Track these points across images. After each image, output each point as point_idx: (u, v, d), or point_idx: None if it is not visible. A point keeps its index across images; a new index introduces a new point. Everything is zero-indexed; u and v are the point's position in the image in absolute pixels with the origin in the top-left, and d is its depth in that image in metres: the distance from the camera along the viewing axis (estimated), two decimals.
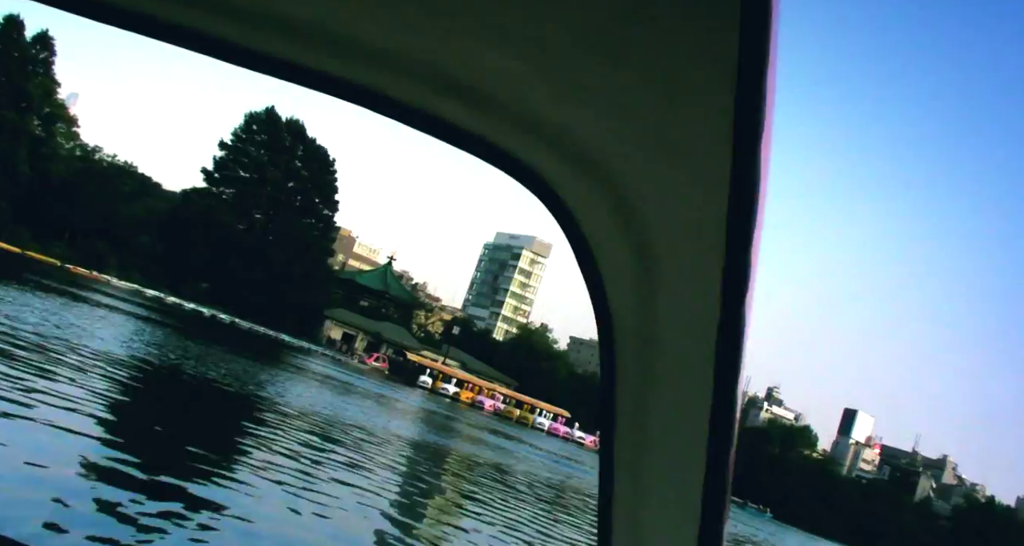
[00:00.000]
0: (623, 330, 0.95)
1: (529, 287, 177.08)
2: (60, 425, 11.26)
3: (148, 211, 75.46)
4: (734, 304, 0.75)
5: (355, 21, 0.83)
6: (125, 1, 0.92)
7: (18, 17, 66.76)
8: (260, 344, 56.37)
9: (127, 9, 0.92)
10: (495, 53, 0.79)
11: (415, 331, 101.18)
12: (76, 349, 19.44)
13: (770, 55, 0.61)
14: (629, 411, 0.99)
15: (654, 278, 0.87)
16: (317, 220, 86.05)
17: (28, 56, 67.35)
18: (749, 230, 0.70)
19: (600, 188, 0.86)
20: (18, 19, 66.69)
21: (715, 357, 0.80)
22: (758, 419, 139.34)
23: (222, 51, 0.93)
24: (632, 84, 0.72)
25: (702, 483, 0.89)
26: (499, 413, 78.56)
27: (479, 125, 0.91)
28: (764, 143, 0.65)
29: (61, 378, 14.72)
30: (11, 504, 7.80)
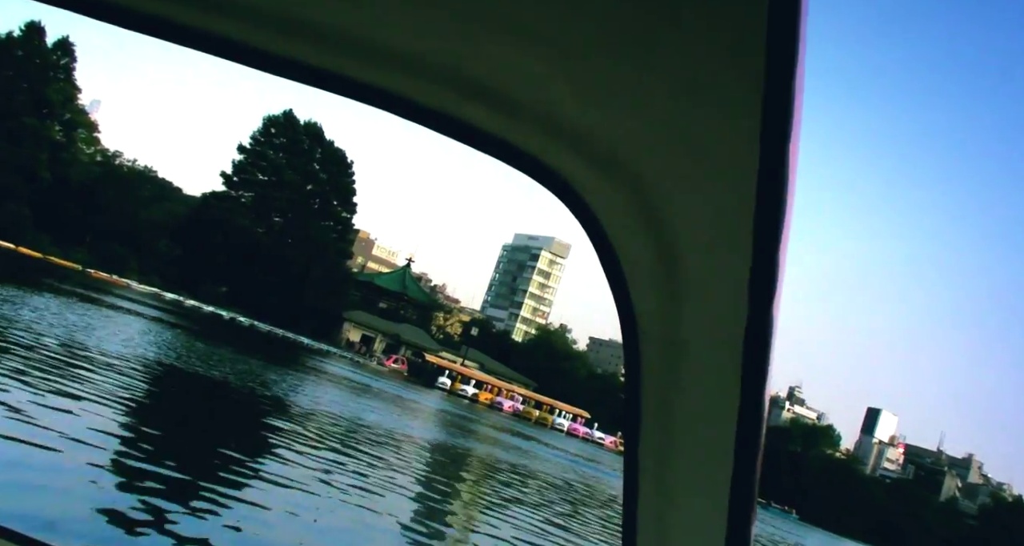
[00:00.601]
0: (648, 332, 0.95)
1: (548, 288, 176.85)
2: (81, 427, 11.28)
3: (168, 215, 76.01)
4: (762, 305, 0.75)
5: (375, 24, 0.83)
6: (166, 9, 0.92)
7: (39, 23, 67.54)
8: (279, 347, 56.56)
9: (174, 20, 0.92)
10: (517, 54, 0.78)
11: (434, 333, 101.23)
12: (92, 352, 19.46)
13: (799, 53, 0.61)
14: (654, 412, 0.98)
15: (679, 279, 0.86)
16: (335, 223, 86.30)
17: (49, 62, 67.93)
18: (777, 230, 0.70)
19: (624, 189, 0.85)
20: (39, 25, 67.47)
21: (742, 359, 0.79)
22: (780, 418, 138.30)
23: (244, 55, 0.93)
24: (656, 84, 0.72)
25: (729, 485, 0.88)
26: (518, 414, 78.41)
27: (501, 127, 0.90)
28: (792, 142, 0.65)
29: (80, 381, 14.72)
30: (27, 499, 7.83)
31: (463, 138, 0.94)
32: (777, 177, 0.67)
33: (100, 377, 16.20)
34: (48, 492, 8.45)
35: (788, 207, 0.68)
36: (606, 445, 79.45)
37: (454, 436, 32.67)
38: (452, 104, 0.90)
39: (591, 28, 0.70)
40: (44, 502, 8.04)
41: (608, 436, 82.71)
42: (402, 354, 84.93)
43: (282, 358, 43.90)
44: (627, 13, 0.67)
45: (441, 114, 0.92)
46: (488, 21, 0.76)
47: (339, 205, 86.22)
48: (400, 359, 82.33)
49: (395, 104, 0.93)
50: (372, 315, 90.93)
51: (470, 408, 64.30)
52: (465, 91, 0.87)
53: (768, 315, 0.75)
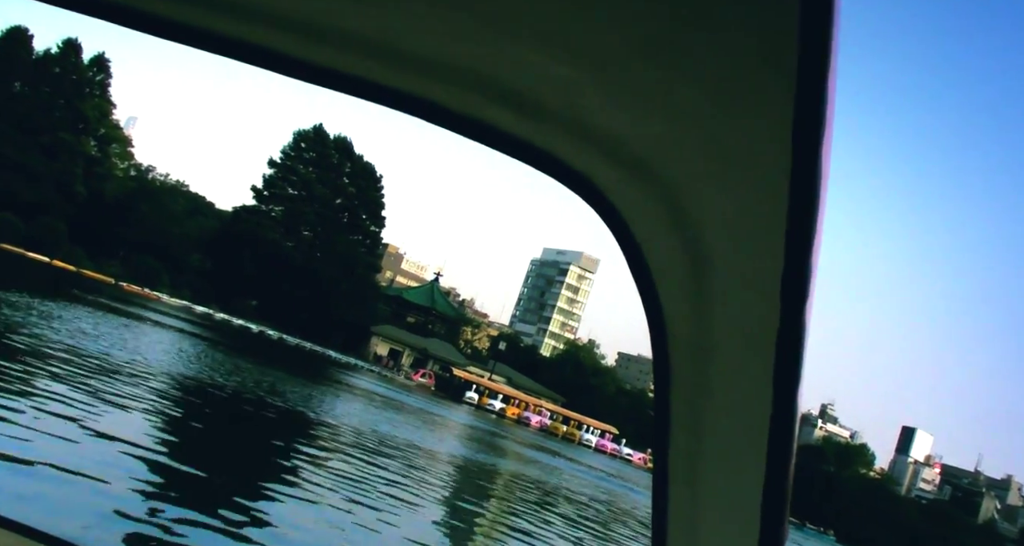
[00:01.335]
0: (677, 338, 0.94)
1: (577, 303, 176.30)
2: (111, 437, 11.29)
3: (200, 230, 76.76)
4: (794, 312, 0.74)
5: (405, 30, 0.83)
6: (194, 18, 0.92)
7: (76, 41, 68.82)
8: (307, 360, 56.70)
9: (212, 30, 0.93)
10: (546, 60, 0.78)
11: (462, 347, 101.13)
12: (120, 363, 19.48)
13: (831, 54, 0.60)
14: (684, 421, 0.97)
15: (709, 285, 0.85)
16: (364, 237, 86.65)
17: (85, 78, 69.15)
18: (810, 236, 0.69)
19: (653, 194, 0.85)
20: (76, 42, 68.71)
21: (774, 366, 0.78)
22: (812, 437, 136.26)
23: (274, 62, 0.93)
24: (687, 88, 0.71)
25: (760, 497, 0.87)
26: (545, 429, 77.91)
27: (530, 132, 0.90)
28: (825, 144, 0.64)
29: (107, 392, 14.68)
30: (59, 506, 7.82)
31: (493, 143, 0.94)
32: (810, 180, 0.66)
33: (128, 388, 16.16)
34: (77, 501, 8.47)
35: (821, 211, 0.68)
36: (634, 462, 78.63)
37: (481, 452, 32.37)
38: (482, 109, 0.90)
39: (620, 33, 0.70)
40: (73, 509, 8.07)
41: (636, 452, 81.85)
42: (430, 368, 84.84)
43: (310, 372, 43.93)
44: (655, 17, 0.67)
45: (471, 120, 0.92)
46: (516, 26, 0.76)
47: (368, 219, 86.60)
48: (428, 373, 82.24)
49: (425, 109, 0.93)
50: (400, 329, 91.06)
51: (497, 423, 63.95)
52: (493, 95, 0.87)
53: (801, 320, 0.74)
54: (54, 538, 1.89)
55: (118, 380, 17.07)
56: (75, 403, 13.04)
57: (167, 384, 19.33)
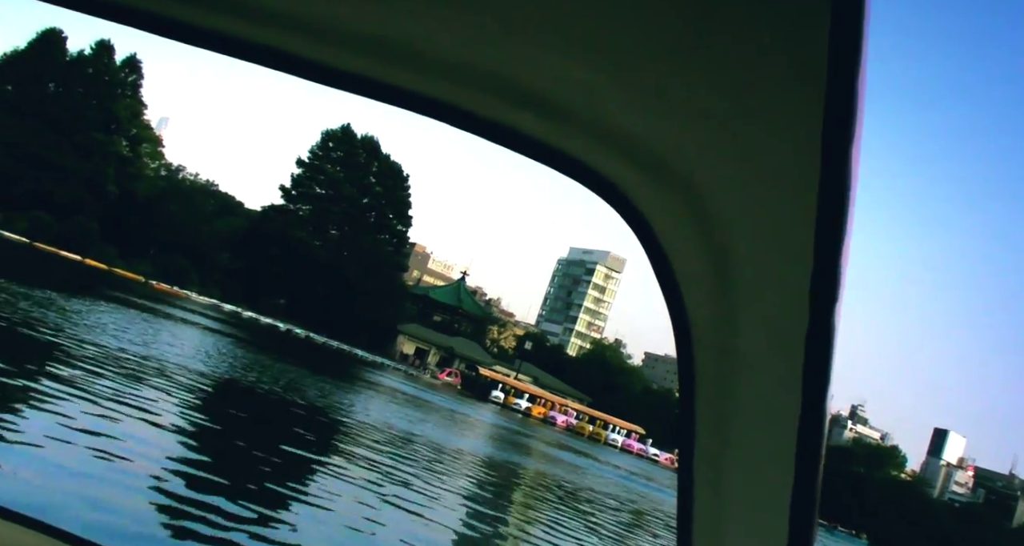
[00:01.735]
0: (702, 340, 0.94)
1: (603, 302, 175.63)
2: (137, 434, 11.38)
3: (229, 229, 77.48)
4: (823, 314, 0.73)
5: (427, 35, 0.83)
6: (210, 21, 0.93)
7: (108, 42, 69.78)
8: (334, 358, 56.99)
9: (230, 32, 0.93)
10: (568, 63, 0.78)
11: (488, 346, 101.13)
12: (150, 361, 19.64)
13: (862, 57, 0.60)
14: (709, 422, 0.97)
15: (734, 287, 0.85)
16: (391, 236, 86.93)
17: (117, 79, 70.07)
18: (839, 237, 0.68)
19: (677, 196, 0.85)
20: (108, 44, 69.68)
21: (803, 369, 0.77)
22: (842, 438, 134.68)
23: (300, 69, 0.94)
24: (711, 90, 0.71)
25: (789, 499, 0.86)
26: (571, 429, 77.69)
27: (552, 135, 0.90)
28: (854, 147, 0.63)
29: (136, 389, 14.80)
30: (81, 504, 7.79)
31: (517, 147, 0.94)
32: (839, 182, 0.65)
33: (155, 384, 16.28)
34: (102, 499, 8.50)
35: (850, 214, 0.67)
36: (661, 462, 78.15)
37: (507, 451, 32.30)
38: (506, 113, 0.90)
39: (644, 36, 0.70)
40: (99, 507, 8.11)
41: (663, 453, 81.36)
42: (456, 367, 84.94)
43: (336, 370, 44.14)
44: (680, 20, 0.67)
45: (495, 123, 0.92)
46: (538, 29, 0.76)
47: (395, 218, 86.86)
48: (454, 372, 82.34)
49: (447, 113, 0.93)
50: (426, 328, 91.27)
51: (523, 422, 63.87)
52: (515, 99, 0.87)
53: (830, 321, 0.73)
54: (80, 539, 1.87)
55: (147, 376, 17.20)
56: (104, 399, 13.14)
57: (194, 382, 19.45)
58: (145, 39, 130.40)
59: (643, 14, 0.68)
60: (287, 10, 0.87)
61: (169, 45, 8.62)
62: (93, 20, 0.94)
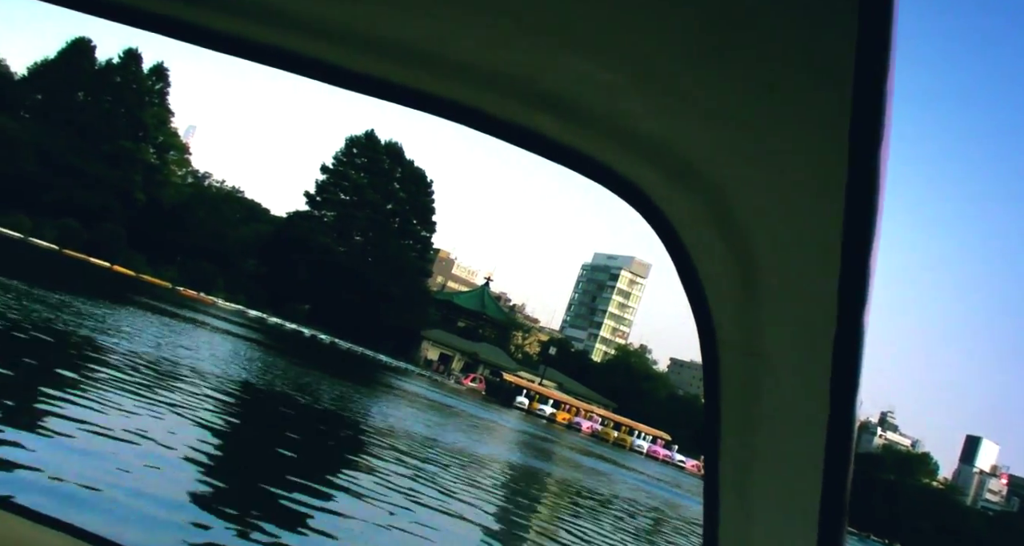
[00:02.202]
0: (727, 343, 0.93)
1: (628, 308, 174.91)
2: (162, 437, 11.44)
3: (255, 235, 78.03)
4: (851, 317, 0.73)
5: (449, 38, 0.83)
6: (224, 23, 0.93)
7: (136, 50, 70.59)
8: (358, 364, 57.04)
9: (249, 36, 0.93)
10: (591, 65, 0.78)
11: (512, 352, 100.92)
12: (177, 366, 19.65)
13: (890, 60, 0.59)
14: (736, 428, 0.96)
15: (760, 290, 0.84)
16: (415, 241, 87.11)
17: (145, 87, 70.84)
18: (868, 241, 0.68)
19: (702, 199, 0.84)
20: (136, 52, 70.48)
21: (831, 372, 0.77)
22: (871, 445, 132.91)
23: (322, 73, 0.94)
24: (736, 92, 0.71)
25: (818, 506, 0.84)
26: (596, 435, 77.23)
27: (576, 139, 0.90)
28: (883, 148, 0.63)
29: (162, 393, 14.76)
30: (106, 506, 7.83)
31: (540, 150, 0.93)
32: (868, 184, 0.65)
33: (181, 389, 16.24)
34: (129, 501, 8.49)
35: (878, 215, 0.66)
36: (687, 468, 77.38)
37: (531, 457, 32.04)
38: (528, 116, 0.90)
39: (666, 37, 0.70)
40: (124, 510, 8.11)
41: (689, 459, 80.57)
42: (480, 373, 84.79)
43: (361, 376, 44.12)
44: (703, 21, 0.67)
45: (518, 127, 0.92)
46: (560, 32, 0.75)
47: (419, 224, 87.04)
48: (478, 378, 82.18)
49: (470, 117, 0.93)
50: (450, 334, 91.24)
51: (548, 428, 63.52)
52: (538, 102, 0.86)
53: (859, 325, 0.73)
54: (105, 540, 1.87)
55: (174, 381, 17.16)
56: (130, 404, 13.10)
57: (220, 387, 19.40)
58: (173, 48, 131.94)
59: (665, 16, 0.68)
60: (310, 14, 0.88)
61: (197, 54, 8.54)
62: (123, 28, 0.96)
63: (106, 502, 8.20)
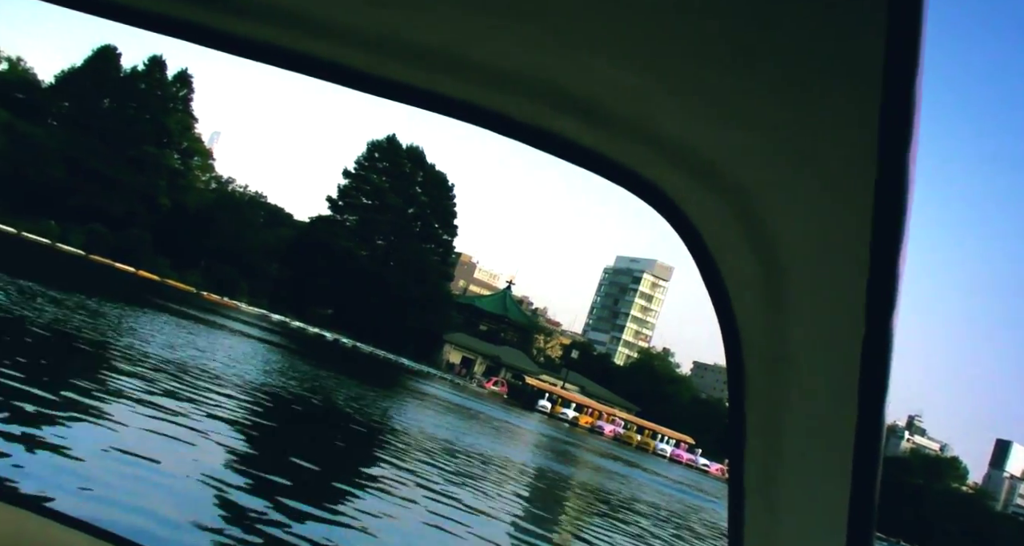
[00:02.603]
0: (752, 347, 0.92)
1: (650, 311, 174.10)
2: (187, 441, 11.45)
3: (278, 239, 78.52)
4: (880, 321, 0.72)
5: (473, 42, 0.84)
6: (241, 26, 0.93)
7: (160, 57, 71.34)
8: (381, 368, 57.17)
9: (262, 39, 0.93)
10: (615, 68, 0.78)
11: (534, 355, 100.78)
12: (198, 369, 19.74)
13: (919, 62, 0.59)
14: (761, 432, 0.95)
15: (786, 293, 0.83)
16: (436, 245, 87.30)
17: (169, 94, 71.54)
18: (897, 243, 0.67)
19: (727, 202, 0.84)
20: (161, 59, 71.19)
21: (859, 376, 0.76)
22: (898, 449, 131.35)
23: (346, 78, 0.95)
24: (761, 93, 0.70)
25: (846, 511, 0.84)
26: (619, 438, 76.91)
27: (600, 141, 0.90)
28: (912, 151, 0.62)
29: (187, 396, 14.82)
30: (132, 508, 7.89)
31: (562, 153, 0.93)
32: (897, 187, 0.64)
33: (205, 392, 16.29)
34: (155, 503, 8.54)
35: (908, 218, 0.66)
36: (711, 472, 76.81)
37: (554, 461, 31.91)
38: (550, 119, 0.90)
39: (689, 38, 0.70)
40: (146, 513, 8.11)
41: (713, 463, 79.97)
42: (502, 376, 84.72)
43: (384, 379, 44.20)
44: (726, 21, 0.66)
45: (539, 129, 0.92)
46: (584, 35, 0.75)
47: (440, 228, 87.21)
48: (500, 381, 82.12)
49: (494, 121, 0.93)
50: (473, 337, 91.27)
51: (570, 432, 63.32)
52: (562, 105, 0.86)
53: (887, 328, 0.72)
54: (129, 541, 1.88)
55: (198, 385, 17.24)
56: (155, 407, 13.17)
57: (243, 391, 19.47)
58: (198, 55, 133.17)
59: (689, 18, 0.68)
60: (334, 19, 0.88)
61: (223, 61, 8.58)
62: (149, 35, 0.97)
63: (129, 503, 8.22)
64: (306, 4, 0.87)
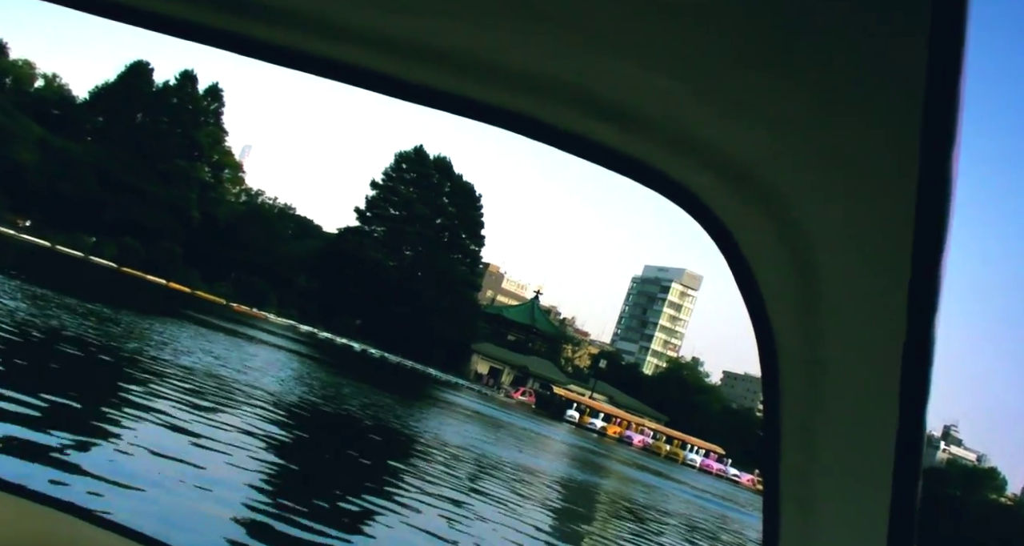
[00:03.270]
0: (787, 352, 0.91)
1: (679, 320, 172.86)
2: (217, 451, 11.56)
3: (307, 251, 79.10)
4: (921, 325, 0.70)
5: (502, 47, 0.83)
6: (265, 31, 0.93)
7: (192, 72, 72.40)
8: (408, 378, 57.28)
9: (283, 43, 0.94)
10: (647, 71, 0.77)
11: (562, 365, 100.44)
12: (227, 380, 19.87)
13: (963, 55, 0.58)
14: (796, 439, 0.93)
15: (823, 297, 0.82)
16: (464, 255, 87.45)
17: (200, 108, 72.57)
18: (939, 245, 0.66)
19: (761, 206, 0.83)
20: (192, 74, 72.29)
21: (900, 382, 0.74)
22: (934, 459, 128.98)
23: (375, 84, 0.95)
24: (797, 96, 0.70)
25: (886, 523, 0.81)
26: (648, 448, 76.33)
27: (632, 145, 0.89)
28: (955, 152, 0.61)
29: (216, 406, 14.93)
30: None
31: (593, 157, 0.93)
32: (940, 188, 0.63)
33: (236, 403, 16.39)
34: (187, 509, 8.71)
35: (950, 221, 0.64)
36: (742, 483, 75.90)
37: (582, 471, 31.72)
38: (581, 123, 0.90)
39: (725, 42, 0.69)
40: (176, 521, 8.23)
41: (744, 473, 79.02)
42: (530, 386, 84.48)
43: (412, 390, 44.26)
44: (763, 25, 0.65)
45: (570, 133, 0.91)
46: (615, 38, 0.75)
47: (468, 238, 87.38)
48: (528, 391, 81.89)
49: (524, 125, 0.92)
50: (500, 347, 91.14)
51: (599, 442, 62.95)
52: (593, 109, 0.86)
53: (929, 333, 0.71)
54: (160, 542, 1.90)
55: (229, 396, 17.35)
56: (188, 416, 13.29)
57: (273, 401, 19.55)
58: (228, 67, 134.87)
59: (723, 21, 0.67)
60: (367, 27, 0.88)
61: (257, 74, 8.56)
62: (179, 49, 0.96)
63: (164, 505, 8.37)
64: (342, 12, 0.87)
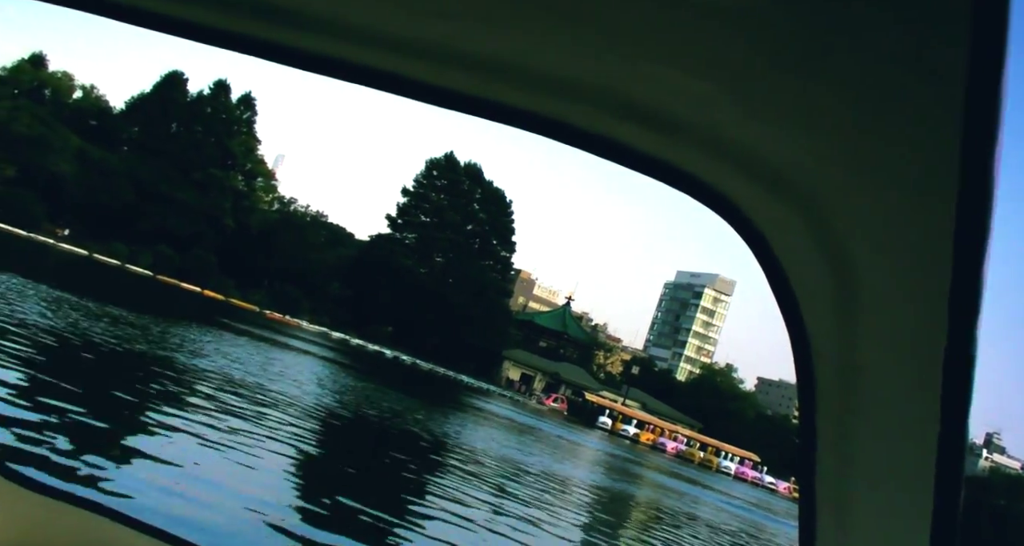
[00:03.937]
0: (823, 356, 0.89)
1: (712, 326, 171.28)
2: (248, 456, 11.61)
3: (339, 258, 79.58)
4: (963, 328, 0.69)
5: (536, 51, 0.83)
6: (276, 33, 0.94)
7: (225, 81, 73.29)
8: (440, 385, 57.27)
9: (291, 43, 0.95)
10: (680, 75, 0.77)
11: (594, 371, 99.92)
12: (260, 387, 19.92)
13: (1005, 61, 0.56)
14: (833, 445, 0.91)
15: (860, 301, 0.81)
16: (495, 262, 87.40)
17: (233, 117, 73.39)
18: (981, 247, 0.65)
19: (796, 209, 0.82)
20: (226, 83, 73.16)
21: (941, 387, 0.72)
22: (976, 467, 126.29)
23: (407, 89, 0.95)
24: (833, 99, 0.69)
25: (928, 532, 0.79)
26: (681, 455, 75.49)
27: (665, 149, 0.89)
28: (997, 155, 0.60)
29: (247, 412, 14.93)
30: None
31: (626, 161, 0.92)
32: (981, 194, 0.62)
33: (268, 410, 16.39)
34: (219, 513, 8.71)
35: (991, 225, 0.63)
36: (779, 491, 74.73)
37: (616, 479, 31.36)
38: (616, 128, 0.89)
39: (759, 45, 0.69)
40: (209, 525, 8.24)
41: (780, 481, 77.81)
42: (562, 393, 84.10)
43: (444, 396, 44.21)
44: (797, 27, 0.65)
45: (604, 138, 0.91)
46: (649, 42, 0.75)
47: (499, 245, 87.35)
48: (560, 398, 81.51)
49: (558, 130, 0.92)
50: (532, 354, 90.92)
51: (631, 449, 62.38)
52: (627, 113, 0.85)
53: (971, 337, 0.70)
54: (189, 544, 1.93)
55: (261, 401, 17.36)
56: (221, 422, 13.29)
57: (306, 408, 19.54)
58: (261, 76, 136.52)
59: (758, 24, 0.66)
60: (397, 33, 0.88)
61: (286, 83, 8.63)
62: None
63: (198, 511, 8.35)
64: (375, 18, 0.87)
